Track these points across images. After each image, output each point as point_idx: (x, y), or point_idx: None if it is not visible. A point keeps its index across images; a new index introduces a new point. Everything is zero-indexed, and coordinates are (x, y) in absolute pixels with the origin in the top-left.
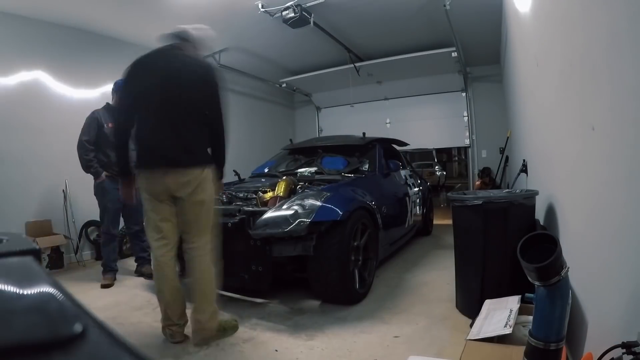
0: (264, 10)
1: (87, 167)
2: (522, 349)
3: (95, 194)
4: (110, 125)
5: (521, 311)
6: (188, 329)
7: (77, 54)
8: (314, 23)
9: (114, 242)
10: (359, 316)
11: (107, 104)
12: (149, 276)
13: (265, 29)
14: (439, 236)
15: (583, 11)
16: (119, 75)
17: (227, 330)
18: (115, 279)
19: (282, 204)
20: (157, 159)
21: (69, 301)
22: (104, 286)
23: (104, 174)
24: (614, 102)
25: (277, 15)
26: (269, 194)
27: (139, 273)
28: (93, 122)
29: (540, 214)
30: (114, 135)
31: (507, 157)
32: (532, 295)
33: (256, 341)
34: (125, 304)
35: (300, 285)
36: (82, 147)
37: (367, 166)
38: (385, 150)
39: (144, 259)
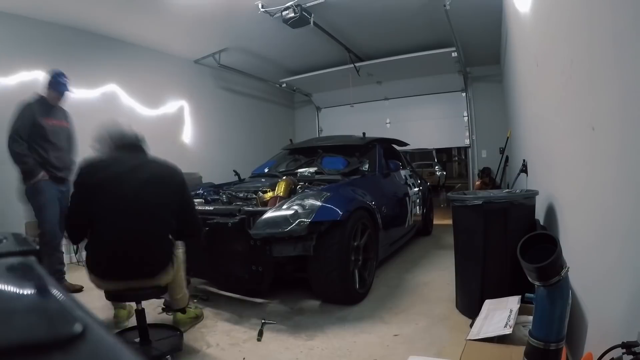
0: (264, 10)
1: (22, 162)
2: (522, 349)
3: (29, 198)
4: (47, 120)
5: (521, 311)
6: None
7: (77, 54)
8: (314, 23)
9: (58, 252)
10: (359, 316)
11: (41, 96)
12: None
13: (266, 29)
14: (439, 236)
15: (583, 11)
16: (119, 75)
17: (198, 317)
18: None
19: (282, 204)
20: None
21: (69, 301)
22: None
23: (42, 173)
24: (614, 102)
25: (277, 15)
26: (269, 194)
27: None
28: (28, 113)
29: (540, 214)
30: None
31: (507, 157)
32: (532, 295)
33: (256, 341)
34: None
35: (300, 285)
36: (17, 139)
37: (367, 166)
38: (385, 150)
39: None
